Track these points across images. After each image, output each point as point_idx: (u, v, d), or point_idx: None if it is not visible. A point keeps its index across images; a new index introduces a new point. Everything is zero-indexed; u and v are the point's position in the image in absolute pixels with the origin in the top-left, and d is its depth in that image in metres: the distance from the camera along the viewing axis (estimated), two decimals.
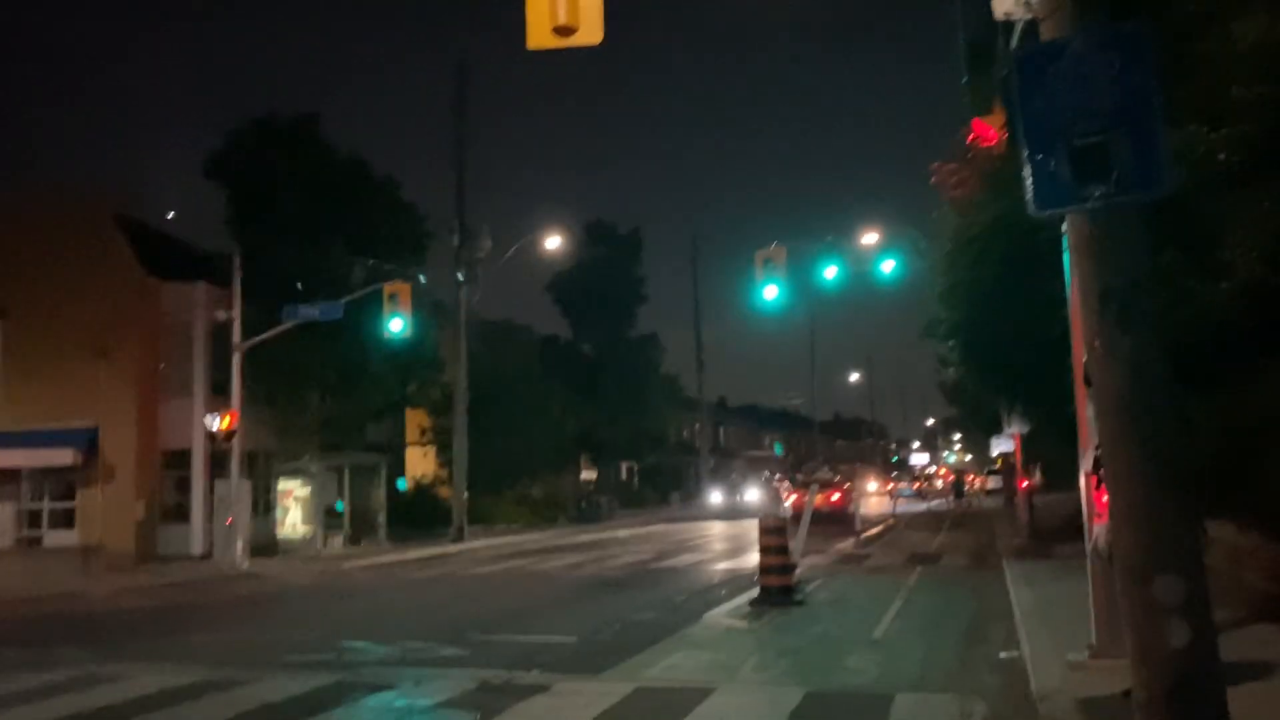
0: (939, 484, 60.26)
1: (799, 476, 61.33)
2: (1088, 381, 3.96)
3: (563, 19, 7.29)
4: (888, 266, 21.24)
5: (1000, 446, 28.17)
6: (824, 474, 39.92)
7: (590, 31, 7.40)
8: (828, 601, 13.04)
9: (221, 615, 14.23)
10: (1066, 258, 8.27)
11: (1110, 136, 3.76)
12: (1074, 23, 4.04)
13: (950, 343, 14.90)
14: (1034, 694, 7.22)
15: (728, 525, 34.03)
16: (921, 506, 44.95)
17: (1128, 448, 3.70)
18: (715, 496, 43.79)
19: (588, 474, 47.33)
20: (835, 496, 31.96)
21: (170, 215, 29.73)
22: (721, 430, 63.56)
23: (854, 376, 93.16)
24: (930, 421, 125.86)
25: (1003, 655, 9.00)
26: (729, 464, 62.12)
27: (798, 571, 13.65)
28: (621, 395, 43.45)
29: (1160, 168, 3.71)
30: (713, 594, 14.08)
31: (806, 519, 15.07)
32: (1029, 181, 3.94)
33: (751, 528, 32.21)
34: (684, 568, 18.74)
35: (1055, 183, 3.87)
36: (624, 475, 50.14)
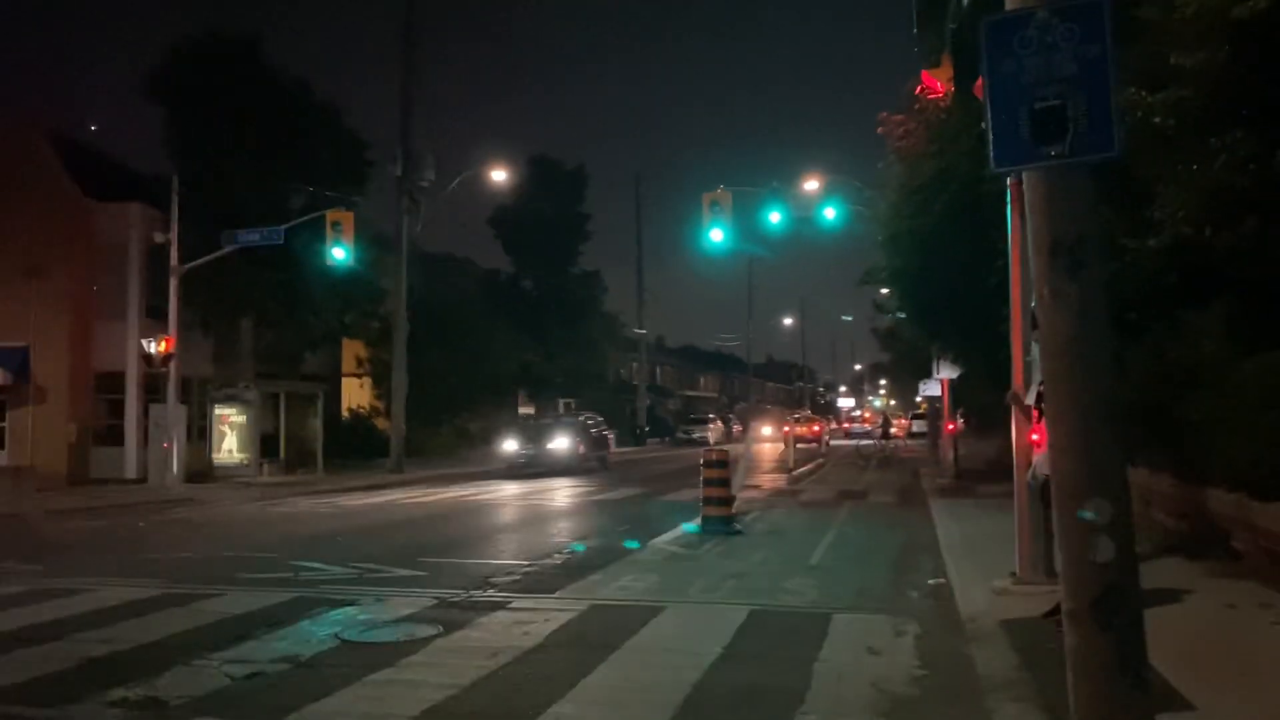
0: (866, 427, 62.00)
1: (731, 417, 62.45)
2: (1034, 324, 4.36)
3: None
4: (830, 213, 21.70)
5: (928, 390, 29.09)
6: (805, 413, 56.17)
7: None
8: (765, 532, 13.62)
9: (166, 536, 14.31)
10: (1008, 211, 8.72)
11: (1068, 101, 4.12)
12: None
13: (891, 290, 15.38)
14: (961, 615, 7.80)
15: (665, 463, 34.72)
16: (850, 444, 46.53)
17: (1070, 384, 4.12)
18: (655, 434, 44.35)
19: (525, 410, 47.58)
20: (816, 428, 48.73)
21: (94, 128, 28.83)
22: (659, 370, 64.15)
23: (788, 321, 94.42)
24: (858, 366, 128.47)
25: (930, 582, 9.60)
26: (664, 403, 62.87)
27: (735, 505, 14.22)
28: (562, 332, 43.65)
29: (1112, 131, 4.08)
30: (655, 523, 14.55)
31: (748, 453, 15.61)
32: (991, 140, 4.29)
33: (690, 462, 33.02)
34: (624, 499, 19.25)
35: (1016, 142, 4.22)
36: (561, 411, 50.46)
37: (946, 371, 20.28)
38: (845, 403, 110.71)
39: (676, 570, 10.45)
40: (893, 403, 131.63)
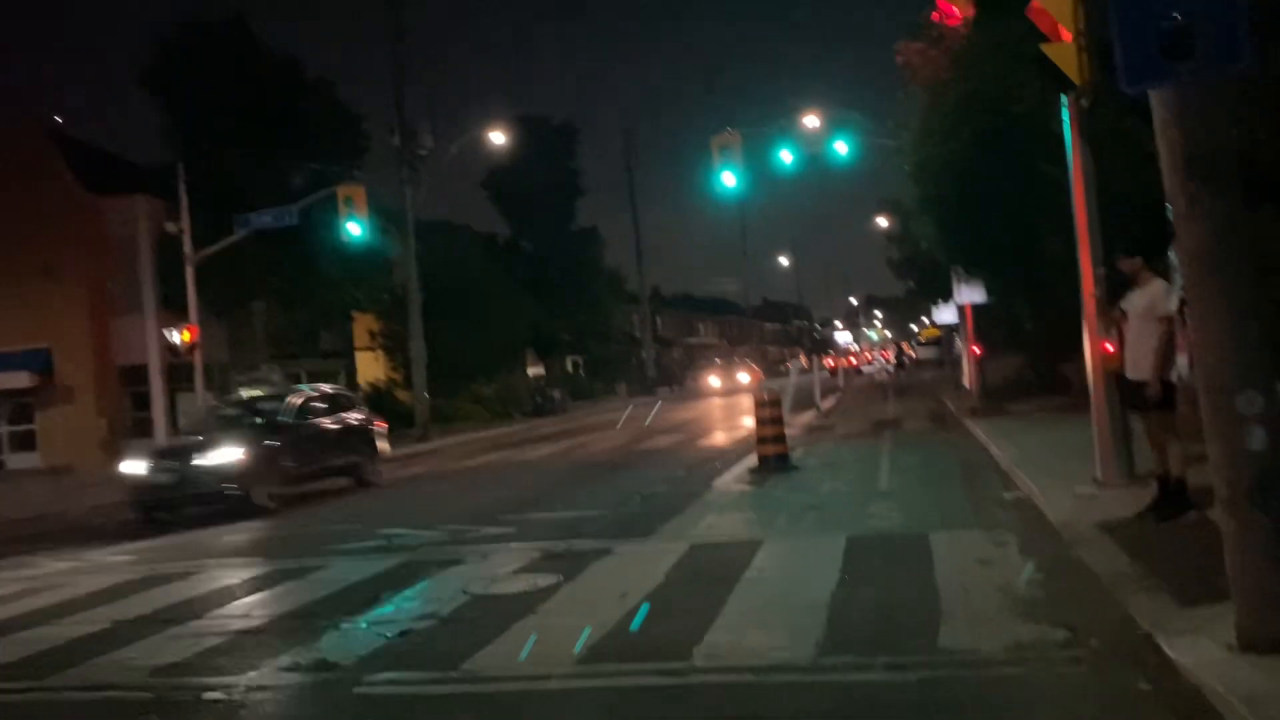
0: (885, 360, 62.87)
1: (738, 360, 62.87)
2: (1171, 235, 4.62)
3: None
4: (841, 148, 21.85)
5: (943, 316, 29.44)
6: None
7: None
8: (820, 466, 13.97)
9: (230, 516, 14.57)
10: (1067, 131, 8.90)
11: (1196, 17, 4.34)
12: None
13: (922, 217, 15.61)
14: (1053, 523, 8.15)
15: (683, 410, 35.10)
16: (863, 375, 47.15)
17: (1214, 285, 4.39)
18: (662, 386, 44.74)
19: (535, 369, 47.92)
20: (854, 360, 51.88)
21: (90, 123, 28.72)
22: (658, 320, 64.39)
23: (783, 261, 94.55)
24: (854, 300, 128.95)
25: (1007, 496, 9.96)
26: (667, 352, 63.27)
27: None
28: (565, 290, 43.83)
29: (1241, 42, 4.30)
30: (708, 467, 14.90)
31: (791, 386, 15.93)
32: (1121, 60, 4.51)
33: (707, 410, 33.49)
34: (665, 448, 19.58)
35: (1146, 60, 4.44)
36: (569, 369, 50.88)
37: (969, 295, 20.56)
38: (842, 337, 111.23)
39: (754, 507, 10.80)
40: (888, 334, 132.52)
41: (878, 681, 4.87)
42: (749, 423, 13.76)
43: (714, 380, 50.44)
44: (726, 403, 36.39)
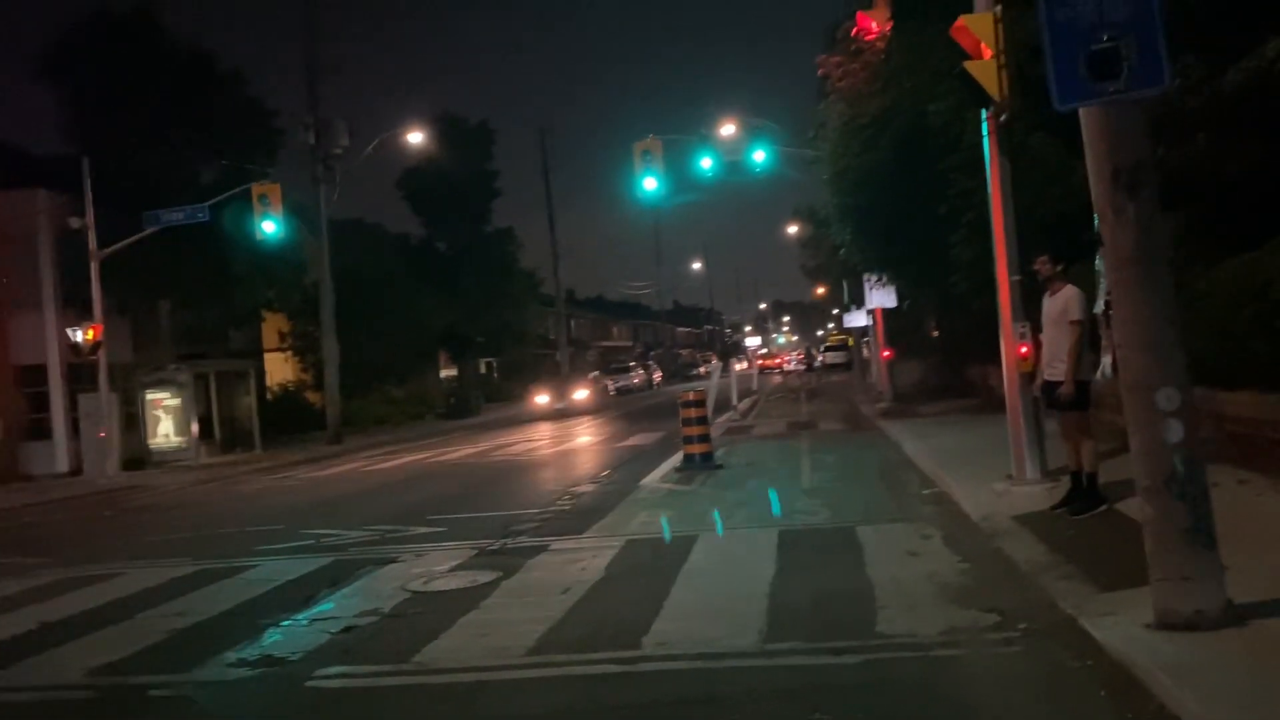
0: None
1: (650, 364, 63.26)
2: (1099, 241, 4.95)
3: None
4: (759, 156, 22.27)
5: (854, 321, 30.21)
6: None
7: None
8: (744, 465, 14.27)
9: (146, 521, 14.25)
10: (985, 144, 9.31)
11: (1121, 42, 4.68)
12: None
13: (840, 223, 16.07)
14: (972, 517, 8.54)
15: (604, 411, 35.25)
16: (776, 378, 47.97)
17: (1137, 288, 4.73)
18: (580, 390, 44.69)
19: (448, 371, 47.52)
20: (780, 360, 59.61)
21: None
22: (573, 322, 64.40)
23: (696, 265, 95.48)
24: (762, 305, 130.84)
25: (925, 492, 10.37)
26: (583, 355, 63.35)
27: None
28: (480, 291, 43.55)
29: (1162, 68, 4.65)
30: (633, 466, 15.08)
31: (714, 387, 16.23)
32: (1052, 80, 4.82)
33: (622, 410, 33.71)
34: (584, 448, 19.72)
35: (1075, 81, 4.76)
36: (483, 370, 50.56)
37: (880, 300, 21.17)
38: (751, 341, 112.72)
39: (683, 504, 11.00)
40: (795, 338, 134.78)
41: (823, 665, 5.10)
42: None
43: (541, 398, 43.30)
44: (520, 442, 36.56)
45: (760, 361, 47.18)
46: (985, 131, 9.21)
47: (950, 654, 5.07)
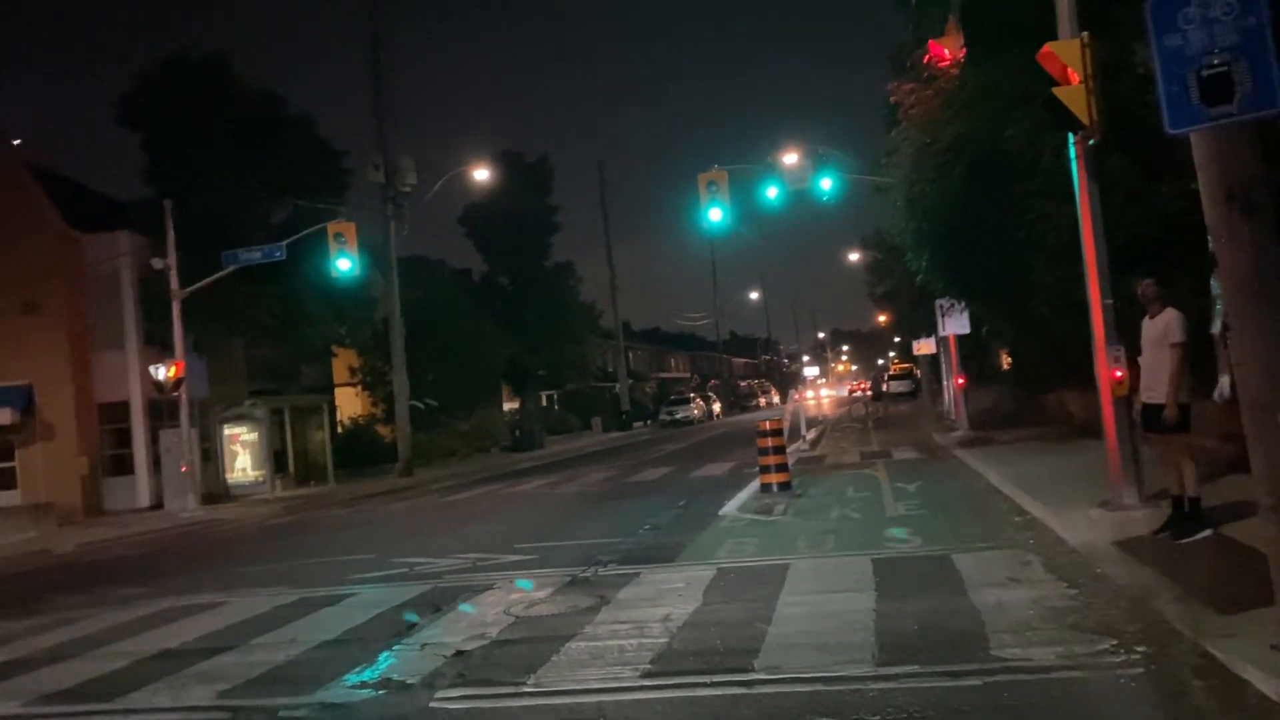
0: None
1: (710, 394, 63.24)
2: (1214, 263, 4.99)
3: None
4: (826, 184, 22.35)
5: (923, 348, 30.00)
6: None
7: None
8: (824, 493, 14.22)
9: (235, 553, 14.59)
10: (1074, 169, 9.33)
11: (1232, 67, 4.74)
12: None
13: (915, 249, 16.08)
14: (1070, 543, 8.48)
15: (663, 444, 35.34)
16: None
17: (1255, 309, 4.76)
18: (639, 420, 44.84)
19: (510, 404, 47.96)
20: (862, 385, 60.58)
21: (17, 143, 28.52)
22: (630, 354, 64.71)
23: (753, 295, 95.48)
24: (821, 335, 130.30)
25: (1017, 519, 10.29)
26: (641, 386, 63.57)
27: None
28: (542, 325, 44.03)
29: (1275, 91, 4.70)
30: (709, 496, 15.12)
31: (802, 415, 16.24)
32: (1164, 105, 4.89)
33: (685, 442, 33.76)
34: (659, 479, 19.78)
35: (1187, 106, 4.83)
36: (544, 403, 50.95)
37: (954, 326, 21.05)
38: (810, 371, 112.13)
39: (769, 533, 11.02)
40: (854, 367, 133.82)
41: (943, 687, 5.13)
42: None
43: (693, 413, 49.05)
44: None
45: (853, 386, 57.81)
46: (1074, 155, 9.23)
47: (1072, 676, 5.07)
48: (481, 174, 31.87)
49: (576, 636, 6.86)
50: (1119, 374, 8.86)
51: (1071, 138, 9.09)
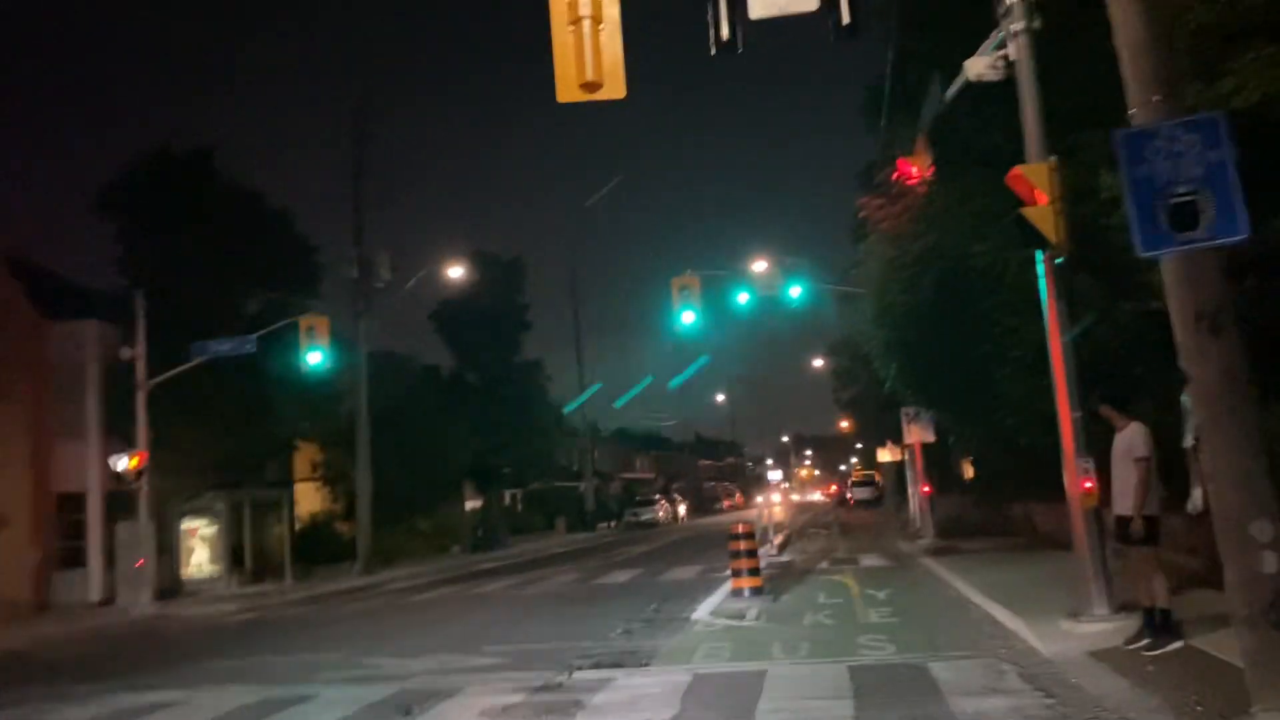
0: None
1: (675, 496, 63.08)
2: (1186, 378, 5.20)
3: (590, 76, 8.00)
4: (795, 292, 22.88)
5: (886, 455, 30.27)
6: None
7: (614, 88, 8.06)
8: (796, 598, 14.19)
9: (194, 649, 14.19)
10: (1042, 285, 9.68)
11: (1198, 196, 5.04)
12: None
13: (882, 359, 16.41)
14: (1044, 653, 8.53)
15: (627, 546, 35.05)
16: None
17: (1225, 424, 4.96)
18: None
19: (473, 502, 47.41)
20: (833, 489, 52.82)
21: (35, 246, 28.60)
22: (596, 454, 64.48)
23: (719, 398, 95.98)
24: (785, 439, 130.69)
25: (990, 628, 10.33)
26: (606, 487, 63.20)
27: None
28: (509, 423, 43.88)
29: (1239, 218, 5.00)
30: (681, 599, 14.99)
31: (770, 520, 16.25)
32: (1135, 230, 5.17)
33: (650, 545, 33.52)
34: (628, 581, 19.60)
35: (1156, 231, 5.12)
36: (507, 502, 50.42)
37: (919, 434, 21.33)
38: (774, 475, 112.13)
39: (743, 638, 10.95)
40: (817, 472, 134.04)
41: None
42: None
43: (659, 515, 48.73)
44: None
45: (826, 489, 58.80)
46: (1041, 273, 9.57)
47: None
48: (454, 272, 32.16)
49: None
50: (1088, 485, 9.05)
51: (1040, 255, 9.45)
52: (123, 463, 23.66)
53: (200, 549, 27.07)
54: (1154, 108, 5.27)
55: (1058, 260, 9.18)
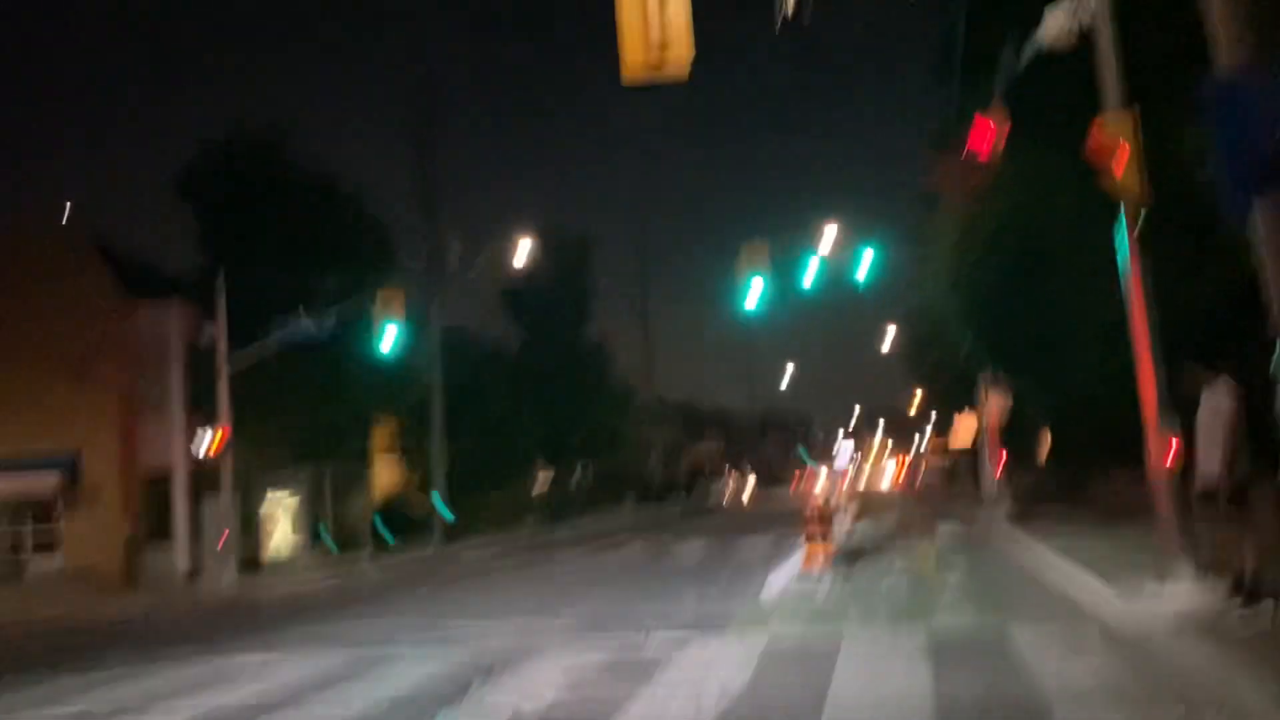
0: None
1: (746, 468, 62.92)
2: (1277, 334, 5.08)
3: (656, 56, 7.91)
4: (866, 260, 22.58)
5: (963, 425, 29.90)
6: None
7: (678, 62, 7.93)
8: (871, 565, 14.15)
9: (282, 615, 14.63)
10: (1123, 239, 9.44)
11: None
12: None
13: (960, 327, 16.22)
14: (1130, 617, 8.39)
15: (702, 517, 35.20)
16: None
17: None
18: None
19: (544, 477, 47.96)
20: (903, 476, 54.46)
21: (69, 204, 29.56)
22: (663, 430, 64.64)
23: (787, 371, 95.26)
24: (857, 409, 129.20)
25: (1070, 593, 10.19)
26: (675, 461, 63.40)
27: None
28: (576, 398, 44.30)
29: None
30: (754, 568, 15.05)
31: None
32: (1223, 183, 5.04)
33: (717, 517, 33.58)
34: (698, 551, 19.73)
35: (1246, 184, 4.98)
36: (578, 476, 50.87)
37: (998, 400, 21.03)
38: (846, 447, 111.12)
39: (818, 604, 10.98)
40: (890, 443, 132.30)
41: None
42: None
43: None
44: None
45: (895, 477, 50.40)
46: (1122, 228, 9.35)
47: None
48: (523, 251, 32.33)
49: (632, 702, 6.86)
50: (1171, 449, 8.86)
51: (1123, 208, 9.22)
52: (206, 439, 24.39)
53: (283, 522, 27.82)
54: (1244, 53, 5.12)
55: (1140, 215, 8.95)
